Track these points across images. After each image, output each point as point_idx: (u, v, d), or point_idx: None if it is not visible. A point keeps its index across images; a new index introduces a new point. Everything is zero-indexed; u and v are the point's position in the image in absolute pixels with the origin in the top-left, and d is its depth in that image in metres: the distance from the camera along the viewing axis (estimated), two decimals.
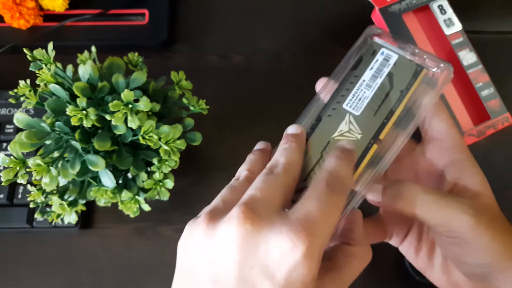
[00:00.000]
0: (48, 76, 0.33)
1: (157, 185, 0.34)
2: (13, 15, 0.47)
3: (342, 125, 0.31)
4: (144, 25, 0.50)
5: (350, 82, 0.32)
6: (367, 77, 0.32)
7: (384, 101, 0.31)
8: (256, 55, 0.50)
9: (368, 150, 0.30)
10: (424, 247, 0.34)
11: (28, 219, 0.42)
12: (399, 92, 0.31)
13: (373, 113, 0.31)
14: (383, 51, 0.32)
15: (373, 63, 0.32)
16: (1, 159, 0.31)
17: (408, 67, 0.32)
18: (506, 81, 0.47)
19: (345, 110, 0.31)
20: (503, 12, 0.51)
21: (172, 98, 0.37)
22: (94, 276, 0.42)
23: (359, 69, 0.32)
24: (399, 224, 0.35)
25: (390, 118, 0.31)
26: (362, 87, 0.31)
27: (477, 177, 0.30)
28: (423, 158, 0.33)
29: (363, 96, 0.31)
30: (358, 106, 0.31)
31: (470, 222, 0.27)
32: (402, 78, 0.32)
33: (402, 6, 0.45)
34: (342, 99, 0.31)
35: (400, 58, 0.32)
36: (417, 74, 0.32)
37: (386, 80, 0.32)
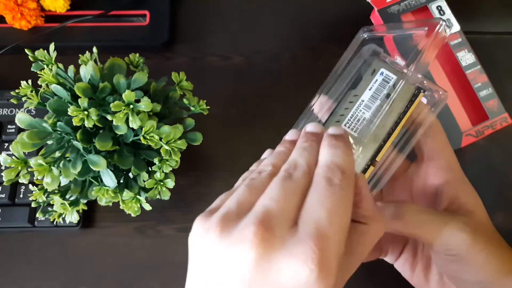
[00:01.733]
0: (49, 76, 0.33)
1: (158, 184, 0.34)
2: (15, 16, 0.47)
3: None
4: (145, 26, 0.50)
5: (349, 101, 0.32)
6: (366, 98, 0.32)
7: (383, 123, 0.31)
8: (256, 56, 0.50)
9: (365, 171, 0.31)
10: (419, 264, 0.34)
11: (29, 219, 0.42)
12: (397, 114, 0.31)
13: (370, 132, 0.31)
14: (382, 71, 0.32)
15: (372, 83, 0.32)
16: (3, 159, 0.31)
17: (407, 89, 0.32)
18: (504, 82, 0.47)
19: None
20: (501, 12, 0.52)
21: (173, 99, 0.37)
22: (95, 275, 0.42)
23: (358, 88, 0.32)
24: (394, 242, 0.35)
25: (387, 140, 0.31)
26: (361, 108, 0.31)
27: (471, 196, 0.31)
28: (417, 177, 0.33)
29: (362, 117, 0.31)
30: (356, 126, 0.31)
31: (467, 240, 0.28)
32: (400, 100, 0.32)
33: (401, 7, 0.45)
34: (341, 119, 0.32)
35: (399, 79, 0.32)
36: (415, 97, 0.32)
37: (385, 101, 0.31)
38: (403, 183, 0.34)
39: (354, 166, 0.26)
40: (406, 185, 0.34)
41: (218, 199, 0.25)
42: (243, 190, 0.24)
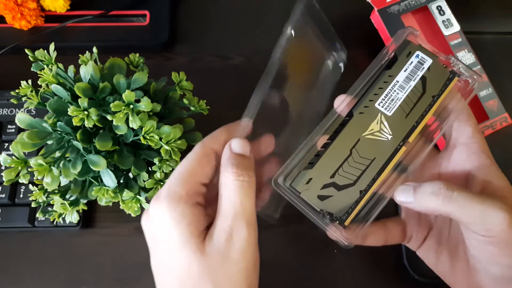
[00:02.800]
0: (49, 76, 0.33)
1: (158, 184, 0.34)
2: (15, 16, 0.47)
3: (373, 124, 0.31)
4: (145, 26, 0.50)
5: (384, 81, 0.32)
6: (400, 79, 0.32)
7: (416, 105, 0.32)
8: (256, 56, 0.50)
9: (397, 151, 0.31)
10: (445, 251, 0.34)
11: (29, 219, 0.42)
12: (431, 97, 0.32)
13: (405, 115, 0.31)
14: (418, 53, 0.33)
15: (407, 65, 0.32)
16: (3, 159, 0.31)
17: (442, 73, 0.32)
18: (504, 82, 0.47)
19: (377, 109, 0.32)
20: (501, 13, 0.52)
21: (173, 99, 0.37)
22: (95, 275, 0.42)
23: (394, 69, 0.32)
24: (418, 227, 0.35)
25: (420, 122, 0.31)
26: (396, 88, 0.32)
27: (503, 182, 0.31)
28: (447, 162, 0.33)
29: (396, 97, 0.32)
30: (390, 106, 0.31)
31: (506, 219, 0.28)
32: (434, 83, 0.32)
33: (401, 7, 0.45)
34: (375, 98, 0.32)
35: (434, 63, 0.32)
36: (449, 81, 0.32)
37: (419, 83, 0.32)
38: (432, 169, 0.34)
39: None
40: (434, 171, 0.34)
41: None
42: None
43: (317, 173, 0.31)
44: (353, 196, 0.31)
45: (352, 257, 0.43)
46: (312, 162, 0.31)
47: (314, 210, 0.30)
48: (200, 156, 0.30)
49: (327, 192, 0.31)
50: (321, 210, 0.30)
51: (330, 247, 0.43)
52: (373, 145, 0.31)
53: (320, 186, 0.31)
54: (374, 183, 0.31)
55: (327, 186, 0.31)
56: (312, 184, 0.31)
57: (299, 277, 0.43)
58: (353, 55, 0.50)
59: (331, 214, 0.30)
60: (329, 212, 0.30)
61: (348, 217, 0.31)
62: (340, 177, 0.31)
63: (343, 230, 0.30)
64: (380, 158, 0.31)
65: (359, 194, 0.31)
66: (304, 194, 0.31)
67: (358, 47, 0.50)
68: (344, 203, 0.31)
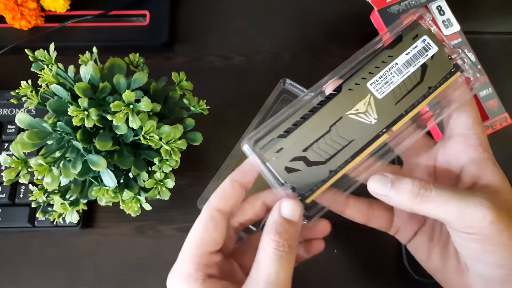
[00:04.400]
0: (49, 76, 0.33)
1: (158, 184, 0.34)
2: (15, 16, 0.47)
3: (360, 103, 0.29)
4: (145, 26, 0.50)
5: (382, 61, 0.30)
6: (400, 62, 0.30)
7: (409, 92, 0.30)
8: (256, 56, 0.50)
9: (378, 138, 0.29)
10: (436, 248, 0.33)
11: (29, 219, 0.42)
12: (427, 87, 0.30)
13: (395, 101, 0.29)
14: (424, 38, 0.30)
15: (411, 49, 0.30)
16: (3, 159, 0.31)
17: (445, 64, 0.30)
18: (504, 82, 0.47)
19: (368, 89, 0.30)
20: (501, 13, 0.52)
21: (173, 99, 0.37)
22: (95, 275, 0.42)
23: (395, 50, 0.30)
24: (408, 221, 0.34)
25: (409, 111, 0.30)
26: (393, 71, 0.30)
27: (498, 176, 0.30)
28: (443, 154, 0.32)
29: (391, 80, 0.30)
30: (382, 89, 0.30)
31: (488, 216, 0.26)
32: (435, 73, 0.30)
33: (401, 7, 0.45)
34: (369, 77, 0.30)
35: (439, 52, 0.30)
36: (451, 74, 0.30)
37: (418, 71, 0.30)
38: (427, 160, 0.33)
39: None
40: (429, 162, 0.33)
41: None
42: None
43: (290, 144, 0.29)
44: (321, 175, 0.29)
45: (352, 257, 0.43)
46: (288, 131, 0.29)
47: (278, 181, 0.29)
48: (206, 222, 0.29)
49: (296, 166, 0.29)
50: (286, 182, 0.29)
51: (330, 247, 0.43)
52: (355, 126, 0.29)
53: (290, 158, 0.29)
54: (346, 166, 0.29)
55: (297, 159, 0.29)
56: (282, 154, 0.29)
57: (299, 277, 0.43)
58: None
59: (294, 188, 0.29)
60: (293, 186, 0.29)
61: (311, 194, 0.29)
62: (313, 153, 0.29)
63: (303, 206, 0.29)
64: (359, 141, 0.29)
65: (327, 174, 0.29)
66: (271, 163, 0.29)
67: (357, 47, 0.50)
68: (310, 180, 0.29)
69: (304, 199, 0.29)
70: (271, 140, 0.29)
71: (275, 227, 0.28)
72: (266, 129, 0.29)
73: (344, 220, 0.35)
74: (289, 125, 0.29)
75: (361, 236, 0.43)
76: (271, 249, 0.27)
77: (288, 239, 0.27)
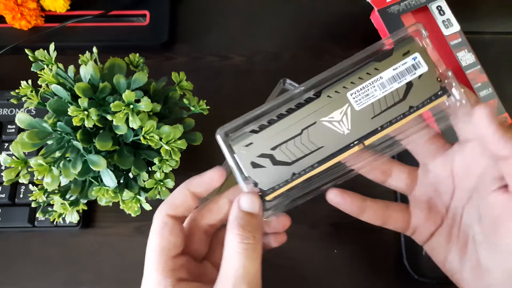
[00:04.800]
0: (49, 76, 0.33)
1: (158, 184, 0.34)
2: (15, 16, 0.47)
3: (336, 112, 0.29)
4: (145, 26, 0.50)
5: (367, 72, 0.29)
6: (386, 76, 0.29)
7: (388, 109, 0.29)
8: (256, 56, 0.50)
9: (348, 149, 0.29)
10: (454, 249, 0.33)
11: (29, 219, 0.42)
12: (408, 106, 0.29)
13: (372, 115, 0.29)
14: (416, 56, 0.29)
15: (399, 64, 0.29)
16: (3, 159, 0.31)
17: (431, 86, 0.29)
18: (504, 82, 0.47)
19: (347, 99, 0.29)
20: (501, 13, 0.52)
21: (173, 99, 0.37)
22: (95, 275, 0.42)
23: (383, 63, 0.29)
24: (425, 221, 0.34)
25: (385, 128, 0.29)
26: (376, 84, 0.29)
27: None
28: (461, 157, 0.32)
29: (372, 93, 0.29)
30: (362, 101, 0.29)
31: None
32: (419, 94, 0.29)
33: (401, 7, 0.45)
34: (350, 86, 0.29)
35: (428, 72, 0.29)
36: (435, 97, 0.29)
37: (403, 88, 0.29)
38: (444, 163, 0.33)
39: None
40: (446, 166, 0.33)
41: None
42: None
43: (260, 140, 0.29)
44: (285, 176, 0.29)
45: (352, 257, 0.43)
46: (261, 128, 0.29)
47: (242, 174, 0.29)
48: (159, 229, 0.30)
49: (262, 162, 0.29)
50: (249, 177, 0.29)
51: (330, 247, 0.43)
52: (327, 133, 0.29)
53: (257, 154, 0.29)
54: (310, 171, 0.29)
55: (264, 156, 0.29)
56: (251, 149, 0.29)
57: (299, 277, 0.43)
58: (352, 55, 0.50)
59: (256, 184, 0.29)
60: (255, 181, 0.29)
61: (272, 192, 0.29)
62: (280, 153, 0.29)
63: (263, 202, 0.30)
64: (328, 149, 0.29)
65: (290, 176, 0.29)
66: (238, 155, 0.29)
67: (358, 47, 0.50)
68: (273, 178, 0.29)
69: (265, 196, 0.29)
70: (243, 133, 0.29)
71: (237, 222, 0.28)
72: (241, 121, 0.30)
73: (344, 220, 0.35)
74: (264, 121, 0.29)
75: (361, 236, 0.43)
76: (236, 243, 0.27)
77: (252, 230, 0.28)
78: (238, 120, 0.30)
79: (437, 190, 0.34)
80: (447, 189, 0.33)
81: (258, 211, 0.29)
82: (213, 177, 0.31)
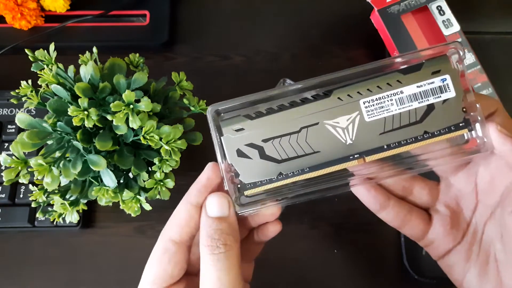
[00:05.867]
0: (49, 76, 0.33)
1: (158, 184, 0.34)
2: (15, 16, 0.47)
3: (343, 117, 0.26)
4: (145, 26, 0.50)
5: (388, 83, 0.26)
6: (407, 92, 0.26)
7: (401, 129, 0.26)
8: (256, 56, 0.50)
9: (346, 160, 0.27)
10: (473, 269, 0.31)
11: (29, 219, 0.42)
12: (423, 131, 0.26)
13: (382, 131, 0.26)
14: (445, 78, 0.26)
15: (425, 83, 0.26)
16: (3, 159, 0.31)
17: (455, 114, 0.26)
18: (504, 82, 0.47)
19: (359, 106, 0.26)
20: (501, 13, 0.52)
21: (173, 99, 0.37)
22: (95, 275, 0.42)
23: (408, 77, 0.26)
24: (444, 237, 0.32)
25: (392, 148, 0.26)
26: (394, 98, 0.26)
27: None
28: (485, 170, 0.29)
29: (387, 107, 0.26)
30: (374, 113, 0.26)
31: None
32: (438, 120, 0.26)
33: (401, 7, 0.45)
34: (365, 93, 0.26)
35: (455, 99, 0.26)
36: (456, 128, 0.26)
37: (422, 109, 0.26)
38: (466, 177, 0.31)
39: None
40: (469, 179, 0.31)
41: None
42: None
43: (253, 128, 0.27)
44: (270, 173, 0.27)
45: (352, 257, 0.43)
46: (257, 114, 0.27)
47: (225, 160, 0.27)
48: (159, 255, 0.28)
49: (249, 152, 0.27)
50: (231, 164, 0.27)
51: (330, 247, 0.43)
52: (327, 138, 0.26)
53: (246, 142, 0.27)
54: (299, 175, 0.27)
55: (252, 147, 0.27)
56: (240, 135, 0.27)
57: (299, 277, 0.43)
58: (353, 55, 0.50)
59: (237, 174, 0.27)
60: (237, 172, 0.27)
61: (252, 188, 0.27)
62: (271, 147, 0.26)
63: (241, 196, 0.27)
64: (324, 155, 0.26)
65: (276, 175, 0.27)
66: (225, 139, 0.27)
67: (358, 47, 0.50)
68: (257, 173, 0.27)
69: (244, 190, 0.27)
70: (236, 116, 0.27)
71: (205, 231, 0.26)
72: (238, 102, 0.27)
73: (344, 220, 0.35)
74: (262, 109, 0.27)
75: (361, 236, 0.43)
76: (207, 256, 0.26)
77: (221, 238, 0.26)
78: (235, 101, 0.27)
79: (459, 205, 0.32)
80: (470, 204, 0.31)
81: (228, 212, 0.27)
82: (210, 176, 0.28)
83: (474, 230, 0.31)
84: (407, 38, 0.45)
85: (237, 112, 0.27)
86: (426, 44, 0.47)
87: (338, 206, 0.43)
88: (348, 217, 0.34)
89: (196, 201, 0.28)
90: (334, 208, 0.34)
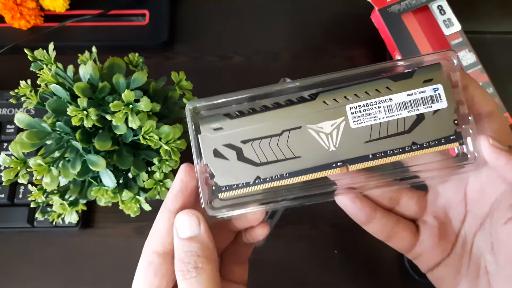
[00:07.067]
0: (49, 76, 0.33)
1: (157, 185, 0.34)
2: (14, 15, 0.47)
3: (327, 123, 0.25)
4: (144, 26, 0.50)
5: (376, 89, 0.25)
6: (396, 100, 0.25)
7: (387, 138, 0.25)
8: (256, 56, 0.50)
9: (327, 168, 0.25)
10: (463, 282, 0.30)
11: (29, 219, 0.42)
12: (411, 142, 0.25)
13: (367, 139, 0.25)
14: (437, 87, 0.25)
15: (416, 91, 0.25)
16: (2, 159, 0.31)
17: (445, 126, 0.25)
18: (505, 81, 0.47)
19: (345, 112, 0.25)
20: (502, 12, 0.51)
21: (172, 98, 0.37)
22: (95, 275, 0.42)
23: (398, 84, 0.25)
24: (432, 250, 0.31)
25: (377, 158, 0.25)
26: (382, 105, 0.25)
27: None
28: (476, 179, 0.28)
29: (374, 114, 0.25)
30: (360, 119, 0.25)
31: None
32: (428, 131, 0.25)
33: (401, 7, 0.45)
34: (353, 99, 0.25)
35: (446, 110, 0.25)
36: (446, 142, 0.25)
37: (411, 119, 0.25)
38: (456, 187, 0.30)
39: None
40: (459, 189, 0.30)
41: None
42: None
43: (232, 128, 0.25)
44: (246, 177, 0.25)
45: (352, 257, 0.43)
46: (237, 114, 0.26)
47: (201, 159, 0.26)
48: (144, 268, 0.27)
49: (226, 153, 0.25)
50: (206, 165, 0.26)
51: (330, 247, 0.43)
52: (309, 143, 0.25)
53: (224, 142, 0.25)
54: (277, 181, 0.26)
55: (230, 147, 0.25)
56: (218, 135, 0.25)
57: (299, 277, 0.43)
58: (353, 55, 0.50)
59: (212, 176, 0.26)
60: (212, 173, 0.26)
61: (227, 191, 0.26)
62: (250, 149, 0.25)
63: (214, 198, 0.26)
64: (305, 161, 0.25)
65: (253, 179, 0.25)
66: (202, 137, 0.26)
67: (358, 47, 0.50)
68: (233, 175, 0.25)
69: (219, 192, 0.26)
70: (215, 114, 0.26)
71: (177, 255, 0.25)
72: (218, 100, 0.26)
73: (344, 220, 0.35)
74: (244, 108, 0.26)
75: (361, 237, 0.43)
76: (180, 282, 0.25)
77: (192, 260, 0.25)
78: (216, 98, 0.26)
79: (447, 215, 0.31)
80: (458, 215, 0.30)
81: (199, 230, 0.25)
82: (183, 178, 0.27)
83: (463, 242, 0.30)
84: (408, 37, 0.45)
85: (218, 110, 0.26)
86: (427, 44, 0.47)
87: (338, 206, 0.43)
88: (348, 217, 0.34)
89: (174, 208, 0.27)
90: (334, 208, 0.33)
